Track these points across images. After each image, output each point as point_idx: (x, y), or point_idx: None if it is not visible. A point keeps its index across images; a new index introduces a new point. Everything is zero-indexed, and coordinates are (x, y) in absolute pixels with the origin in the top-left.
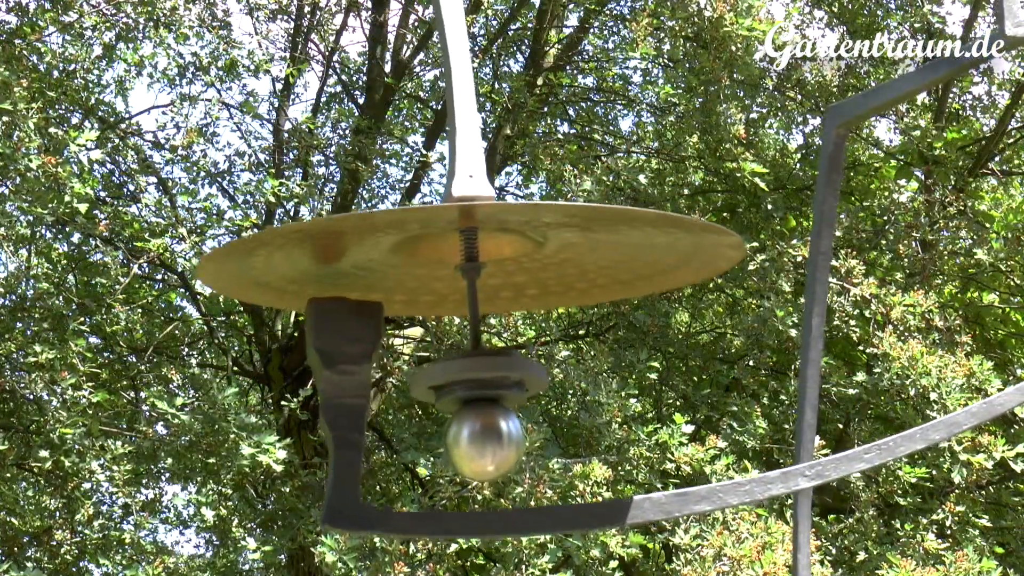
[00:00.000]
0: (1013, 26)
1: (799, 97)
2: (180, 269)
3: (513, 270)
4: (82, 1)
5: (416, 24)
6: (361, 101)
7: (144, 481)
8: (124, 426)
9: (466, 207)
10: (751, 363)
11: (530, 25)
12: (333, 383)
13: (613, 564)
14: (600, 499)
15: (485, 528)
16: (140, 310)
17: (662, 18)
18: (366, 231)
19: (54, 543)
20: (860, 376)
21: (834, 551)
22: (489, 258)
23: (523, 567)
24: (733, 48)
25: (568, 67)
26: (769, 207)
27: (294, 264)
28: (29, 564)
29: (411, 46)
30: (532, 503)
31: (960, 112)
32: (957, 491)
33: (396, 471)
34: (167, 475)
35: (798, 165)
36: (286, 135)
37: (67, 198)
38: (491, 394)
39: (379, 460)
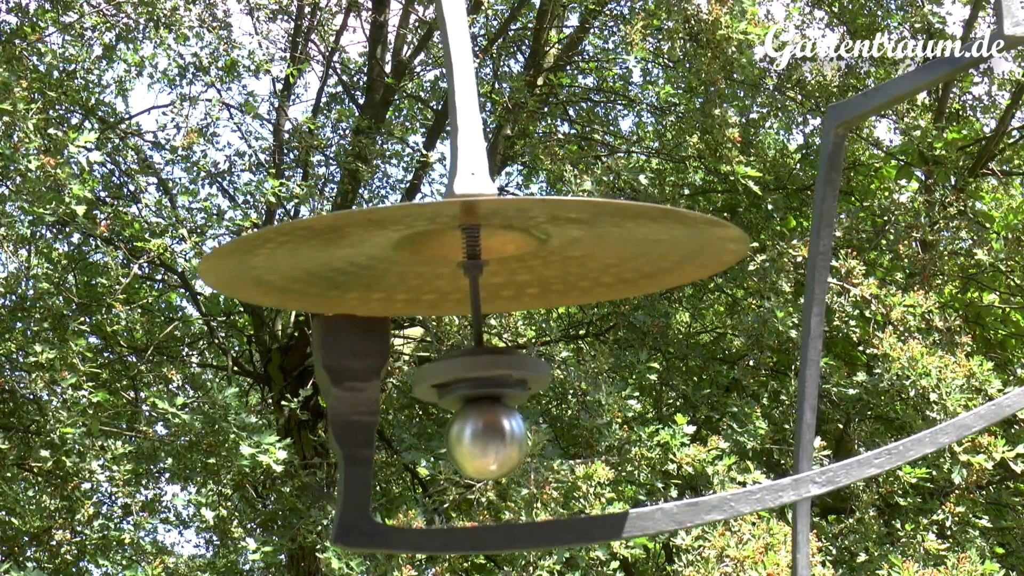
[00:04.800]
0: (1012, 25)
1: (799, 97)
2: (180, 269)
3: (516, 268)
4: (82, 1)
5: (416, 24)
6: (361, 101)
7: (144, 481)
8: (124, 426)
9: (468, 202)
10: (751, 363)
11: (530, 25)
12: (342, 400)
13: (615, 565)
14: (603, 499)
15: (494, 542)
16: (140, 310)
17: (661, 19)
18: (369, 227)
19: (54, 543)
20: (860, 376)
21: (834, 551)
22: (492, 256)
23: (530, 568)
24: (729, 51)
25: (568, 67)
26: (769, 207)
27: (297, 262)
28: (29, 564)
29: (411, 46)
30: (537, 504)
31: (960, 112)
32: (957, 491)
33: (396, 471)
34: (167, 475)
35: (798, 165)
36: (286, 135)
37: (67, 199)
38: (494, 392)
39: (379, 460)
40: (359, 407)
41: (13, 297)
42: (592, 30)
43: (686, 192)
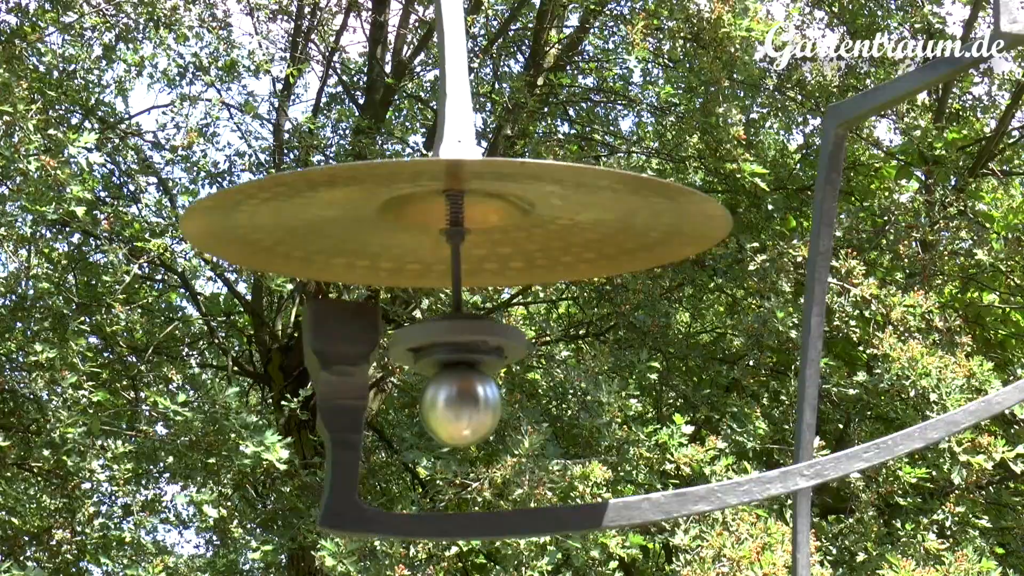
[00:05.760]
0: (1008, 22)
1: (799, 97)
2: (180, 269)
3: (499, 240)
4: (82, 1)
5: (416, 24)
6: (361, 101)
7: (144, 481)
8: (124, 426)
9: (452, 162)
10: (751, 363)
11: (530, 25)
12: (330, 384)
13: (613, 565)
14: (600, 500)
15: (483, 529)
16: (140, 310)
17: (662, 18)
18: (351, 184)
19: (54, 543)
20: (860, 376)
21: (834, 551)
22: (475, 226)
23: (522, 568)
24: (732, 50)
25: (568, 67)
26: (769, 207)
27: (281, 222)
28: (29, 563)
29: (411, 46)
30: (532, 504)
31: (960, 112)
32: (957, 492)
33: (396, 471)
34: (167, 475)
35: (798, 165)
36: (286, 135)
37: (67, 196)
38: (469, 358)
39: (379, 460)
40: (348, 391)
41: (13, 297)
42: (592, 30)
43: None
